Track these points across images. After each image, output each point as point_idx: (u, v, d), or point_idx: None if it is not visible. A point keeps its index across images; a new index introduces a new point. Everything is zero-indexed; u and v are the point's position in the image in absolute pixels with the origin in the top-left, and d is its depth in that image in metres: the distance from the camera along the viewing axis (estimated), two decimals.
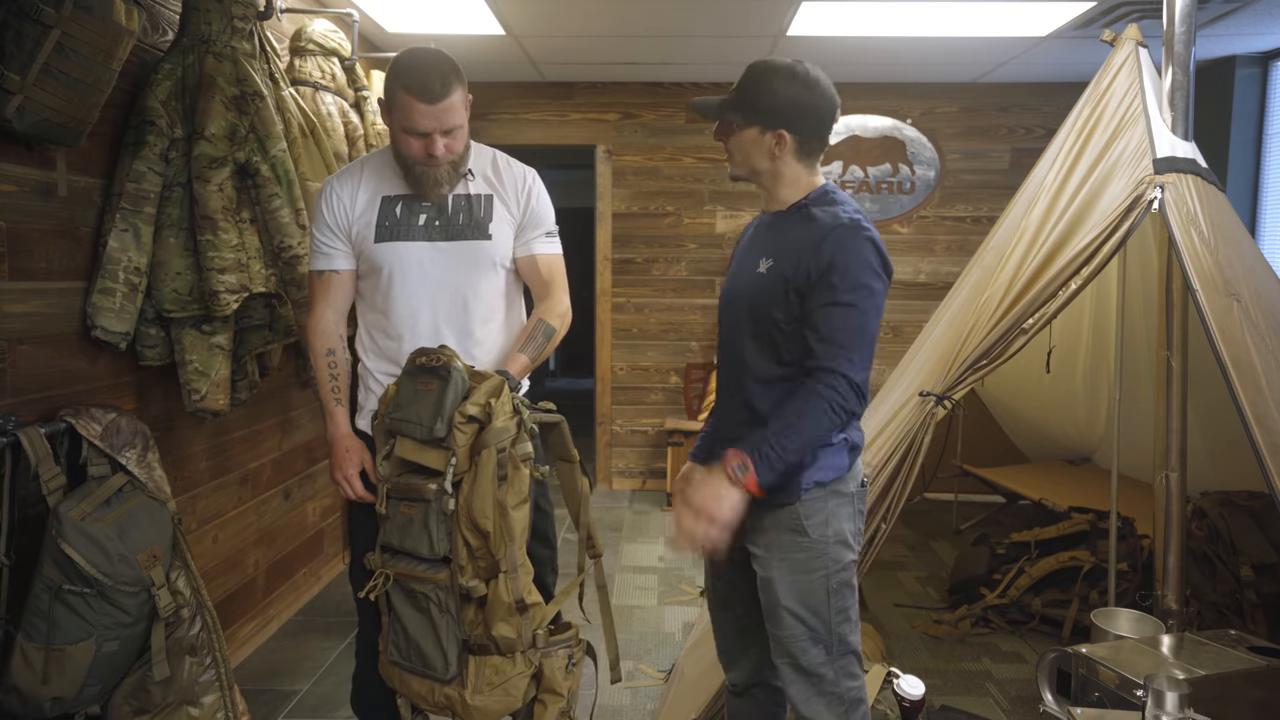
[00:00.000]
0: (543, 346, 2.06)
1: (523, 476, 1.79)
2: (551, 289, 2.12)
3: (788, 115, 1.75)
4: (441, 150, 1.94)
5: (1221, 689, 2.08)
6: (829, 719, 1.80)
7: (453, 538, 1.79)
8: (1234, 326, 2.32)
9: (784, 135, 1.75)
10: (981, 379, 2.55)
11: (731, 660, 2.05)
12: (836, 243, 1.69)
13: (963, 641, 3.28)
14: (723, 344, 1.94)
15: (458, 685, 1.81)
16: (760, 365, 1.79)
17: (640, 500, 5.39)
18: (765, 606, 1.83)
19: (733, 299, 1.88)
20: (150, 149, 2.37)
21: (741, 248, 1.95)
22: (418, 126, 1.92)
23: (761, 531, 1.81)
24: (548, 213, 2.15)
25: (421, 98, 1.89)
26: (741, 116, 1.77)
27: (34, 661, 1.85)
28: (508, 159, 2.15)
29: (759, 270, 1.79)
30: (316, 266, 2.09)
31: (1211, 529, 3.13)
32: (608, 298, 5.49)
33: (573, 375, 9.65)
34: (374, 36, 4.30)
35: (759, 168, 1.81)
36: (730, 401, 1.89)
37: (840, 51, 4.52)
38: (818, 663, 1.79)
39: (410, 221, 2.03)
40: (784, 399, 1.73)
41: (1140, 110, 2.61)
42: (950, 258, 5.35)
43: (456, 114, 1.94)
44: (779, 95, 1.74)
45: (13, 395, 2.06)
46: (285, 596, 3.48)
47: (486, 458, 1.76)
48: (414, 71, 1.90)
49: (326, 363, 2.09)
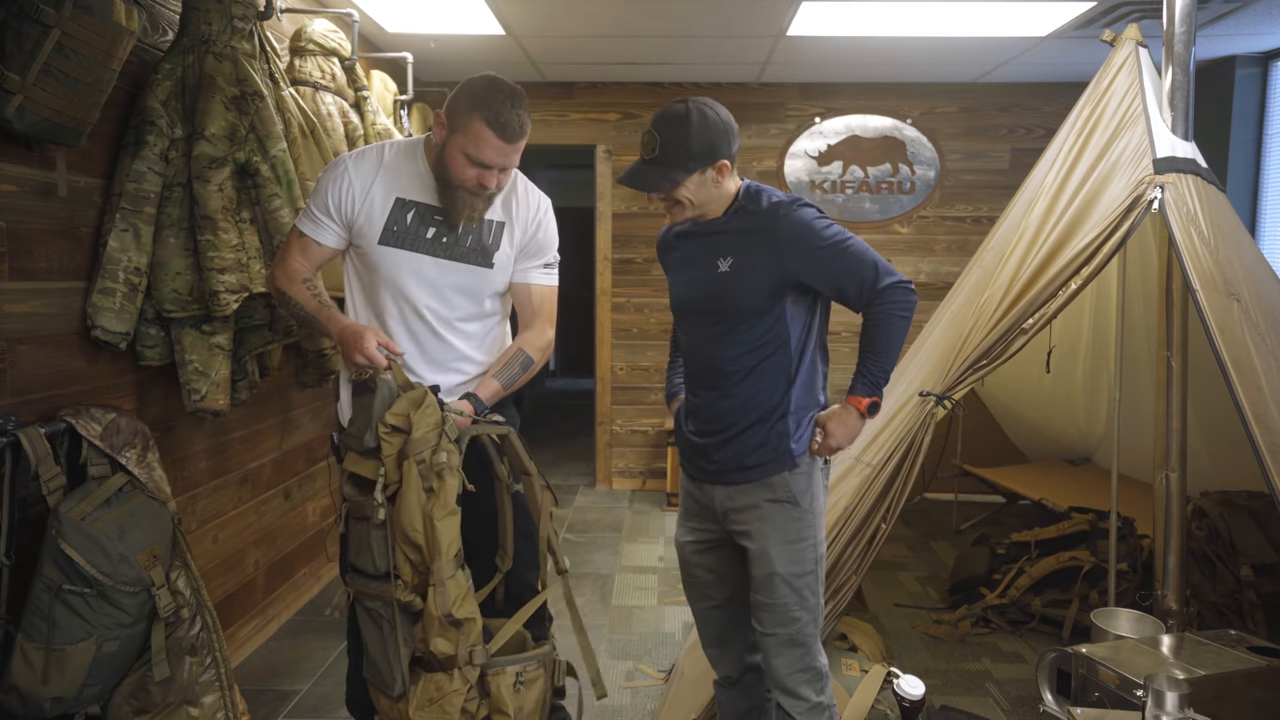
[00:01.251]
0: (518, 376, 2.06)
1: (449, 488, 1.77)
2: (537, 320, 2.11)
3: (718, 145, 1.86)
4: (495, 184, 1.94)
5: (1221, 689, 2.08)
6: (808, 691, 1.94)
7: (395, 552, 1.78)
8: (1234, 326, 2.32)
9: (724, 164, 1.88)
10: (981, 379, 2.55)
11: (720, 652, 2.14)
12: (782, 222, 1.87)
13: (963, 641, 3.28)
14: (689, 344, 2.05)
15: (405, 702, 1.79)
16: (741, 355, 1.92)
17: (640, 500, 5.39)
18: (758, 578, 1.94)
19: (697, 300, 1.98)
20: (150, 149, 2.36)
21: (681, 258, 2.03)
22: (485, 159, 1.90)
23: (752, 508, 1.94)
24: (552, 244, 2.14)
25: (500, 134, 1.88)
26: (684, 172, 1.85)
27: (34, 661, 1.85)
28: (528, 185, 2.13)
29: (720, 270, 1.91)
30: (302, 228, 2.06)
31: (1211, 529, 3.13)
32: (608, 298, 5.48)
33: (573, 375, 9.66)
34: (374, 36, 4.30)
35: (707, 200, 1.91)
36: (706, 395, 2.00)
37: (840, 51, 4.52)
38: (805, 633, 1.92)
39: (419, 233, 2.01)
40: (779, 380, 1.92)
41: (1140, 110, 2.61)
42: (950, 258, 5.35)
43: (519, 154, 1.95)
44: (703, 137, 1.85)
45: (13, 395, 2.06)
46: (285, 596, 3.48)
47: (408, 469, 1.76)
48: (497, 104, 1.87)
49: (305, 287, 2.03)
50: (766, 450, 1.91)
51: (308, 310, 2.02)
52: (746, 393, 1.92)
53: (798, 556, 1.92)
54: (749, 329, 1.90)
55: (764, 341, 1.91)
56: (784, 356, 1.92)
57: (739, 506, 1.95)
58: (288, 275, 2.05)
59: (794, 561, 1.91)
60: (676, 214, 1.93)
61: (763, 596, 1.94)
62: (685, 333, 2.05)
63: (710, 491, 2.00)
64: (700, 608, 2.13)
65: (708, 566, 2.08)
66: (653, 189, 1.89)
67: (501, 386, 2.02)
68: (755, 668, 2.13)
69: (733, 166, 1.90)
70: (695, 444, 2.01)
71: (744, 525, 1.95)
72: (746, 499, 1.94)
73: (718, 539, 2.05)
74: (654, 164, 1.86)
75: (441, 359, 2.06)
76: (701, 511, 2.05)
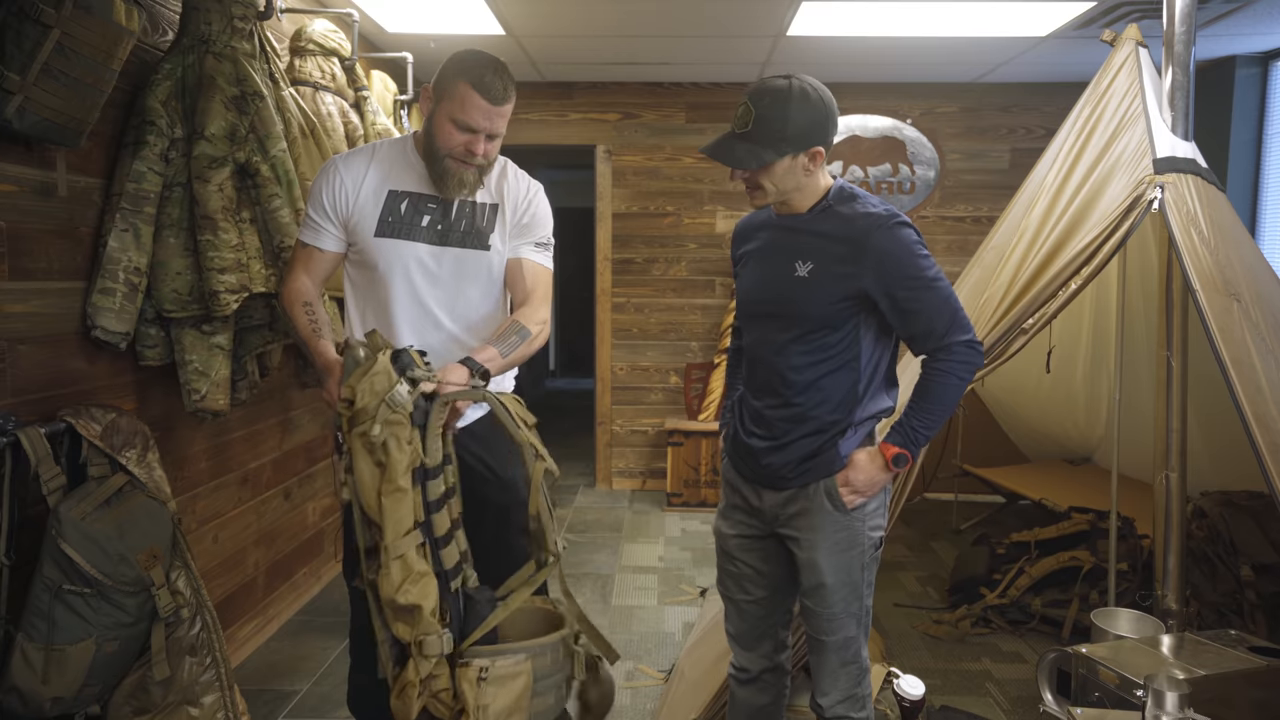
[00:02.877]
0: (516, 345, 1.95)
1: (393, 462, 1.63)
2: (532, 298, 2.07)
3: (815, 134, 1.77)
4: (482, 151, 1.94)
5: (1221, 689, 2.08)
6: (850, 687, 1.91)
7: (362, 530, 1.68)
8: (1234, 326, 2.32)
9: (819, 152, 1.79)
10: (982, 379, 2.55)
11: (746, 645, 2.07)
12: (882, 238, 1.76)
13: (963, 641, 3.28)
14: (752, 344, 1.96)
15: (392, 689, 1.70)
16: (807, 366, 1.84)
17: (640, 500, 5.39)
18: (809, 585, 1.90)
19: (768, 302, 1.90)
20: (150, 149, 2.36)
21: (757, 251, 1.95)
22: (471, 122, 1.91)
23: (803, 515, 1.88)
24: (544, 224, 2.13)
25: (484, 95, 1.90)
26: (775, 153, 1.76)
27: (34, 661, 1.85)
28: (518, 171, 2.15)
29: (798, 274, 1.83)
30: (303, 238, 2.07)
31: (1211, 529, 3.13)
32: (608, 298, 5.49)
33: (573, 375, 9.65)
34: (374, 36, 4.30)
35: (791, 188, 1.82)
36: (763, 400, 1.92)
37: (840, 51, 4.52)
38: (852, 635, 1.90)
39: (414, 221, 2.02)
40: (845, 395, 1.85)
41: (1140, 110, 2.61)
42: (950, 258, 5.34)
43: (506, 121, 1.95)
44: (802, 119, 1.75)
45: (13, 395, 2.06)
46: (285, 596, 3.48)
47: (353, 442, 1.64)
48: (480, 69, 1.91)
49: (304, 312, 2.00)
50: (820, 460, 1.85)
51: (302, 336, 2.00)
52: (808, 404, 1.85)
53: (848, 565, 1.87)
54: (819, 339, 1.82)
55: (832, 355, 1.83)
56: (851, 372, 1.84)
57: (790, 513, 1.89)
58: (291, 295, 2.04)
59: (845, 571, 1.87)
60: (757, 198, 1.84)
61: (812, 604, 1.90)
62: (750, 334, 1.97)
63: (760, 493, 1.94)
64: (736, 599, 2.05)
65: (750, 562, 2.01)
66: (738, 165, 1.77)
67: (499, 354, 1.91)
68: (778, 668, 2.08)
69: (827, 156, 1.81)
70: (746, 445, 1.95)
71: (794, 531, 1.90)
72: (796, 505, 1.88)
73: (764, 535, 1.98)
74: (744, 139, 1.75)
75: (445, 353, 2.05)
76: (748, 509, 1.98)
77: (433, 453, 1.71)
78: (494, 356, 1.89)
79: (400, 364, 1.69)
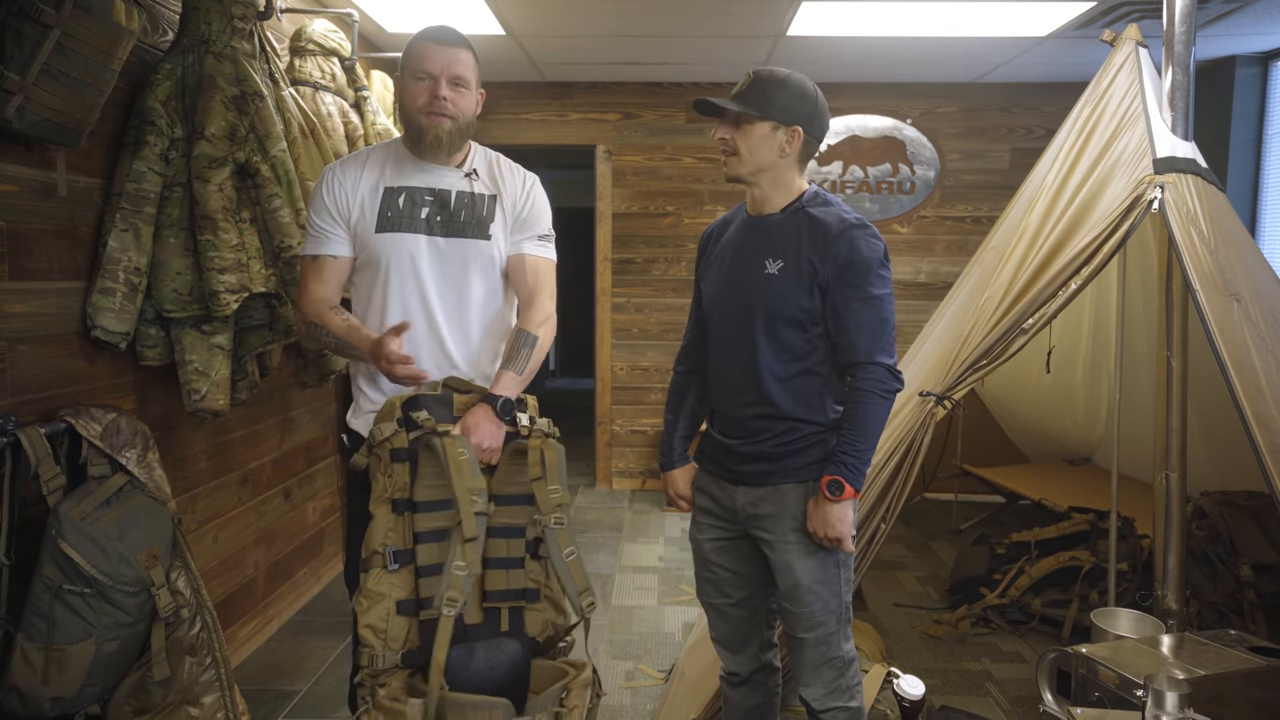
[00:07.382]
0: (530, 357, 2.01)
1: (375, 488, 1.83)
2: (536, 295, 2.07)
3: (801, 115, 1.84)
4: (446, 93, 1.95)
5: (1221, 689, 2.08)
6: (834, 679, 1.93)
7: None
8: (1234, 326, 2.32)
9: (798, 132, 1.84)
10: (981, 379, 2.55)
11: (733, 649, 2.09)
12: (850, 242, 1.81)
13: (963, 641, 3.28)
14: (721, 346, 1.97)
15: None
16: (778, 364, 1.87)
17: (640, 500, 5.39)
18: (784, 587, 1.91)
19: (737, 300, 1.92)
20: (150, 149, 2.36)
21: (726, 249, 1.98)
22: (426, 66, 1.96)
23: (774, 518, 1.90)
24: (544, 217, 2.13)
25: (433, 40, 1.98)
26: (757, 110, 1.82)
27: (34, 661, 1.85)
28: (511, 163, 2.16)
29: (768, 271, 1.86)
30: (311, 251, 2.04)
31: (1211, 529, 3.13)
32: (607, 298, 5.49)
33: (573, 375, 9.65)
34: (374, 36, 4.30)
35: (764, 165, 1.86)
36: (736, 400, 1.94)
37: (840, 51, 4.52)
38: (831, 631, 1.91)
39: (413, 214, 2.02)
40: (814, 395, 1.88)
41: (1140, 110, 2.61)
42: (950, 258, 5.35)
43: (464, 67, 1.99)
44: (791, 97, 1.83)
45: (13, 395, 2.06)
46: (285, 596, 3.48)
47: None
48: (429, 28, 2.03)
49: (335, 315, 2.00)
50: (793, 461, 1.88)
51: (338, 336, 1.99)
52: (782, 401, 1.87)
53: (822, 565, 1.88)
54: (791, 337, 1.85)
55: (805, 352, 1.86)
56: (824, 370, 1.87)
57: (761, 514, 1.91)
58: (313, 305, 2.02)
59: (818, 569, 1.88)
60: (731, 166, 1.88)
61: (789, 604, 1.92)
62: (717, 336, 1.98)
63: (731, 491, 1.96)
64: (716, 604, 2.07)
65: (726, 564, 2.02)
66: (718, 114, 1.85)
67: (516, 374, 1.97)
68: (766, 666, 2.10)
69: (805, 152, 1.86)
70: (722, 444, 1.96)
71: (766, 534, 1.91)
72: (768, 507, 1.90)
73: (736, 535, 2.00)
74: (735, 99, 1.84)
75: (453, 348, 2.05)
76: (720, 510, 2.00)
77: (422, 490, 1.84)
78: (512, 380, 1.97)
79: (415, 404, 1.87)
